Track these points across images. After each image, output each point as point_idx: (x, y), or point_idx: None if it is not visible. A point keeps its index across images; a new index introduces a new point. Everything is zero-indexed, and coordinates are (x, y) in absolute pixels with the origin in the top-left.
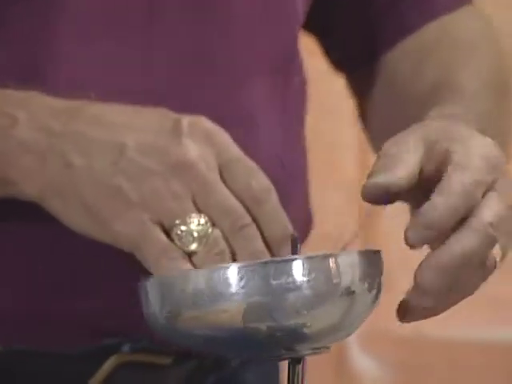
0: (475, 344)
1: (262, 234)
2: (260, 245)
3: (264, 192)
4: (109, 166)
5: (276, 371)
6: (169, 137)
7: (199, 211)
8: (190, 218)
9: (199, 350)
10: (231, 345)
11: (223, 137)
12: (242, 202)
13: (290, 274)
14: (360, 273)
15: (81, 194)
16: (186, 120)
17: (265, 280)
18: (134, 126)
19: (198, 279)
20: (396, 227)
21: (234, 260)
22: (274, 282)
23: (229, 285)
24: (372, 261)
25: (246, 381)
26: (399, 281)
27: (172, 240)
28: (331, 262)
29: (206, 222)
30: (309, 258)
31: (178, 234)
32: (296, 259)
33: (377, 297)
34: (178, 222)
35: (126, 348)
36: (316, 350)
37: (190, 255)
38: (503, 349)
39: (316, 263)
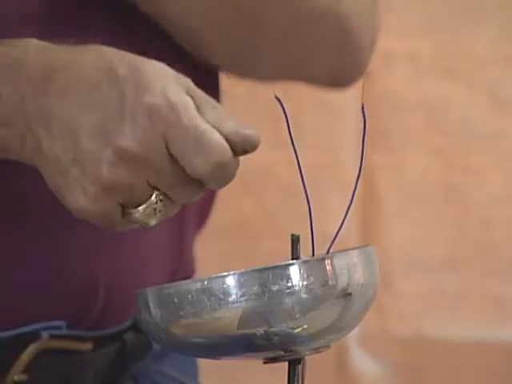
0: (475, 344)
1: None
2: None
3: (207, 173)
4: (67, 155)
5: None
6: (114, 120)
7: (154, 188)
8: (144, 203)
9: (198, 356)
10: (230, 349)
11: (167, 111)
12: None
13: (287, 279)
14: (356, 273)
15: (49, 179)
16: (130, 96)
17: (263, 286)
18: (88, 104)
19: (197, 288)
20: (396, 227)
21: None
22: (271, 288)
23: (228, 292)
24: (368, 260)
25: (167, 366)
26: (399, 281)
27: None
28: (327, 264)
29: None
30: (305, 262)
31: (135, 215)
32: (292, 264)
33: (373, 296)
34: (133, 208)
35: (45, 335)
36: (316, 350)
37: None
38: (503, 349)
39: (312, 267)
